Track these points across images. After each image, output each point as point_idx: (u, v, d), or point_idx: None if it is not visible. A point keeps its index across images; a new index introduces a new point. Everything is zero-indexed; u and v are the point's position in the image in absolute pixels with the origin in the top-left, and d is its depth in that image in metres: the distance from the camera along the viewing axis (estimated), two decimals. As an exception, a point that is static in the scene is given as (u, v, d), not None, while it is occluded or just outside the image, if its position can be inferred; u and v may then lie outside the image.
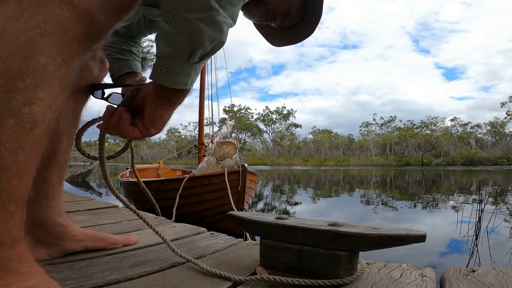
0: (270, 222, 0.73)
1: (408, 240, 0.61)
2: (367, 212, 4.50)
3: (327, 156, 50.01)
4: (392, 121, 52.24)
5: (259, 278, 0.66)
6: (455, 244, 2.58)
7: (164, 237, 0.81)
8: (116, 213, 1.51)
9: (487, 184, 9.49)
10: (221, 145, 3.47)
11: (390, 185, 10.19)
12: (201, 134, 5.15)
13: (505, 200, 5.53)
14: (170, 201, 2.90)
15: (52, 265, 0.74)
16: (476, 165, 35.64)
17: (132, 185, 3.72)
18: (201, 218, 2.91)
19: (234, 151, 3.34)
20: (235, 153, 3.30)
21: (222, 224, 2.75)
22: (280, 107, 53.09)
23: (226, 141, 3.49)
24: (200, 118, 5.20)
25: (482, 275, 0.67)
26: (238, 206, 2.82)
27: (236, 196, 2.84)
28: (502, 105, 45.31)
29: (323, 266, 0.66)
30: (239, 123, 48.83)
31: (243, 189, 2.85)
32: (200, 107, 5.18)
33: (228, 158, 3.33)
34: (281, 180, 12.49)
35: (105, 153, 0.69)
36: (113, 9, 0.49)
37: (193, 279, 0.68)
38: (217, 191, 2.86)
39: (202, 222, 2.48)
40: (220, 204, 2.85)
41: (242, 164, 2.89)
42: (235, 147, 3.37)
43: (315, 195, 7.00)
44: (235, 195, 2.84)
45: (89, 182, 9.69)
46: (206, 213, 2.99)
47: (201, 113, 5.17)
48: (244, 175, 2.84)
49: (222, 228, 1.69)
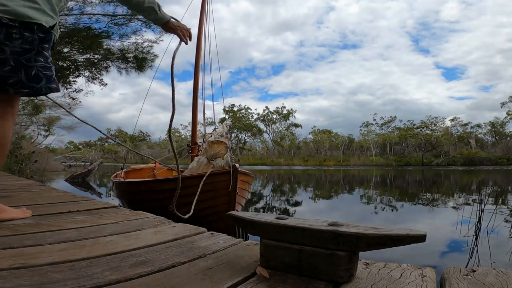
0: (270, 222, 0.73)
1: (408, 240, 0.61)
2: (367, 212, 4.50)
3: (327, 156, 49.99)
4: (392, 121, 52.21)
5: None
6: (455, 244, 2.58)
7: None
8: (116, 213, 1.51)
9: (487, 184, 9.49)
10: (212, 145, 3.36)
11: (390, 185, 10.19)
12: (194, 134, 5.10)
13: (505, 200, 5.53)
14: (159, 202, 2.77)
15: (53, 265, 0.74)
16: (476, 165, 35.63)
17: (124, 186, 3.60)
18: (191, 219, 2.83)
19: (225, 151, 3.23)
20: (227, 153, 3.18)
21: (214, 226, 2.67)
22: (280, 107, 53.12)
23: (217, 141, 3.36)
24: (193, 117, 5.17)
25: (482, 275, 0.67)
26: (229, 208, 2.73)
27: (227, 197, 2.74)
28: (502, 105, 45.25)
29: (323, 266, 0.66)
30: (239, 123, 48.82)
31: (234, 190, 2.74)
32: (193, 107, 5.16)
33: (219, 158, 3.22)
34: (281, 180, 12.50)
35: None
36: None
37: (193, 279, 0.68)
38: (207, 192, 2.75)
39: (193, 224, 2.40)
40: (211, 205, 2.76)
41: (233, 164, 2.78)
42: (227, 146, 3.26)
43: (315, 195, 7.00)
44: (226, 196, 2.73)
45: (89, 182, 9.69)
46: (198, 215, 2.90)
47: (194, 112, 5.14)
48: (235, 175, 2.74)
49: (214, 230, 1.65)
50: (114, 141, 32.86)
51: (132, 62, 6.88)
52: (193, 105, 5.21)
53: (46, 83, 1.18)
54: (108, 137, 23.62)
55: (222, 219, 2.68)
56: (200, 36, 5.37)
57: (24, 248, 0.87)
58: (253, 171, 4.03)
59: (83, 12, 5.81)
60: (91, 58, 6.78)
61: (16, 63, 1.12)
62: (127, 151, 24.34)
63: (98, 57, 6.77)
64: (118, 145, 54.08)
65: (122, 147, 54.04)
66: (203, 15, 5.53)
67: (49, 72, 1.20)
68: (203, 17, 5.52)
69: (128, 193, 3.45)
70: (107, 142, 58.11)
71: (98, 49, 6.42)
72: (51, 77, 1.21)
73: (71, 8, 5.66)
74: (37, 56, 1.16)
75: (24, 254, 0.81)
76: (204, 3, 5.62)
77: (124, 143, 54.40)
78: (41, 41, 1.18)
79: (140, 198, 3.14)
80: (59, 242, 0.94)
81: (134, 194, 3.32)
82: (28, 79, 1.14)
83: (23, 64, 1.13)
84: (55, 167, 16.56)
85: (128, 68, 6.96)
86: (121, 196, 3.71)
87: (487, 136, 49.74)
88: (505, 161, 37.58)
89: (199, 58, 5.33)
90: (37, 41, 1.17)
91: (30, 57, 1.14)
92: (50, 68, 1.20)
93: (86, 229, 1.13)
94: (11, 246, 0.89)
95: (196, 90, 5.23)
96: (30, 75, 1.14)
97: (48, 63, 1.20)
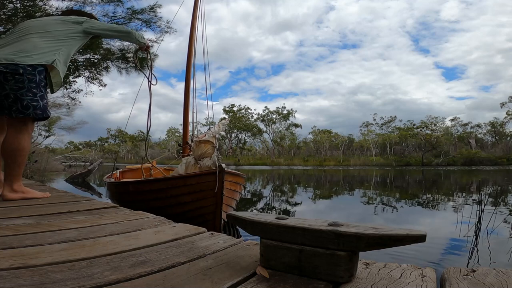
0: (270, 222, 0.73)
1: (408, 240, 0.61)
2: (367, 212, 4.50)
3: (327, 156, 49.99)
4: (392, 121, 52.21)
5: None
6: (455, 244, 2.58)
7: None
8: (116, 213, 1.51)
9: (487, 184, 9.49)
10: (199, 144, 3.21)
11: (390, 185, 10.19)
12: (185, 134, 5.05)
13: (505, 200, 5.53)
14: (147, 203, 2.78)
15: (53, 265, 0.74)
16: (476, 165, 35.62)
17: (113, 186, 3.52)
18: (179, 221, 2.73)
19: (212, 150, 3.10)
20: (214, 152, 3.05)
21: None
22: (280, 107, 53.11)
23: (204, 140, 3.21)
24: (184, 117, 5.15)
25: (482, 275, 0.67)
26: (216, 209, 2.62)
27: (213, 199, 2.62)
28: (502, 105, 45.24)
29: (323, 266, 0.66)
30: (239, 123, 48.80)
31: (221, 191, 2.61)
32: (185, 106, 5.14)
33: (206, 158, 3.10)
34: (281, 180, 12.50)
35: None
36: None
37: (193, 279, 0.68)
38: (193, 193, 2.66)
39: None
40: (197, 207, 2.67)
41: (219, 164, 2.64)
42: (214, 146, 3.12)
43: (315, 195, 7.00)
44: (213, 197, 2.61)
45: (89, 182, 9.69)
46: (184, 216, 2.74)
47: (186, 112, 5.13)
48: (221, 176, 2.60)
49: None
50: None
51: (132, 62, 6.87)
52: (184, 104, 5.19)
53: (33, 110, 1.77)
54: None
55: (208, 221, 2.62)
56: (192, 36, 5.38)
57: (24, 248, 0.87)
58: (253, 171, 4.00)
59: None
60: (91, 58, 6.78)
61: (14, 96, 1.73)
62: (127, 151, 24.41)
63: (98, 57, 6.76)
64: (118, 145, 54.07)
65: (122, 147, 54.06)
66: (195, 15, 5.54)
67: (36, 103, 1.76)
68: (195, 17, 5.52)
69: (118, 194, 3.36)
70: (107, 142, 58.15)
71: (98, 49, 6.42)
72: (36, 106, 1.77)
73: (71, 8, 5.65)
74: (27, 92, 1.74)
75: (24, 254, 0.81)
76: (197, 3, 5.63)
77: (124, 143, 54.42)
78: (30, 81, 1.75)
79: (128, 199, 3.06)
80: (59, 242, 0.94)
81: (122, 195, 3.24)
82: (22, 107, 1.73)
83: (18, 97, 1.72)
84: (55, 167, 16.57)
85: (128, 68, 6.95)
86: (111, 196, 3.62)
87: (487, 136, 49.75)
88: (505, 161, 37.58)
89: (190, 58, 5.35)
90: (27, 81, 1.74)
91: (22, 92, 1.73)
92: (37, 100, 1.76)
93: (86, 229, 1.13)
94: (11, 246, 0.89)
95: (187, 90, 5.22)
96: (23, 105, 1.73)
97: (35, 97, 1.75)
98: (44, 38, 1.90)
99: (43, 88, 1.85)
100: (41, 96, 1.82)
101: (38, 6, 5.30)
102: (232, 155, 48.03)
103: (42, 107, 1.82)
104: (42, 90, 1.84)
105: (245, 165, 42.21)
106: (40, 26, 1.95)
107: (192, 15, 5.54)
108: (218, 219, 2.63)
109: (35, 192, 2.01)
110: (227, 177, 2.73)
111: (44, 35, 1.91)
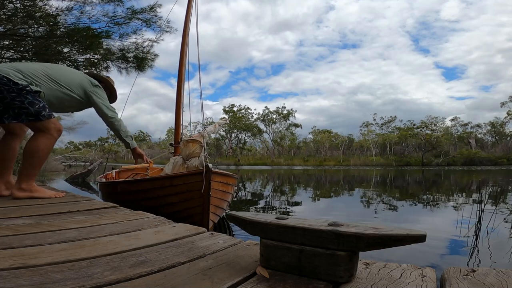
0: (270, 222, 0.73)
1: (408, 240, 0.61)
2: (367, 212, 4.50)
3: (327, 156, 49.99)
4: (392, 121, 52.22)
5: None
6: (455, 244, 2.58)
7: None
8: (116, 213, 1.51)
9: (487, 184, 9.49)
10: (187, 144, 3.13)
11: (390, 185, 10.19)
12: (177, 133, 5.00)
13: (505, 200, 5.52)
14: (137, 203, 2.72)
15: (53, 265, 0.74)
16: (476, 165, 35.62)
17: (104, 186, 3.46)
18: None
19: (200, 150, 3.01)
20: (202, 152, 2.97)
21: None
22: (280, 107, 53.10)
23: (191, 139, 3.14)
24: (176, 116, 5.13)
25: (482, 275, 0.67)
26: (203, 211, 2.55)
27: (200, 199, 2.54)
28: (502, 105, 45.26)
29: (323, 266, 0.66)
30: (239, 123, 48.79)
31: (208, 192, 2.53)
32: (177, 105, 5.13)
33: (194, 158, 3.02)
34: (281, 180, 12.50)
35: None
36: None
37: (193, 279, 0.68)
38: (179, 193, 2.60)
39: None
40: (185, 208, 2.61)
41: (206, 164, 2.56)
42: (201, 145, 3.03)
43: (315, 195, 7.00)
44: (200, 198, 2.53)
45: (89, 182, 9.69)
46: (174, 216, 2.72)
47: (178, 111, 5.11)
48: (208, 176, 2.51)
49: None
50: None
51: (133, 62, 6.86)
52: (176, 103, 5.17)
53: (26, 116, 1.90)
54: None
55: (196, 223, 2.58)
56: (185, 34, 5.37)
57: (24, 248, 0.87)
58: (253, 171, 3.98)
59: (82, 12, 5.80)
60: (91, 58, 6.77)
61: (7, 105, 1.88)
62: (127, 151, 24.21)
63: (98, 57, 6.76)
64: (118, 145, 53.95)
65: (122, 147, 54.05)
66: (188, 13, 5.53)
67: (25, 111, 1.88)
68: (189, 16, 5.52)
69: (108, 194, 3.30)
70: (107, 142, 58.10)
71: (98, 49, 6.41)
72: (26, 113, 1.90)
73: (71, 8, 5.66)
74: (15, 101, 1.88)
75: (24, 254, 0.81)
76: (190, 2, 5.63)
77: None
78: (19, 91, 1.88)
79: (118, 199, 3.03)
80: (59, 242, 0.94)
81: (112, 195, 3.18)
82: (14, 114, 1.88)
83: (10, 106, 1.87)
84: (55, 167, 16.58)
85: (128, 68, 6.95)
86: (103, 196, 3.57)
87: (487, 136, 49.75)
88: (505, 161, 37.59)
89: (183, 58, 5.35)
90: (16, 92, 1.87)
91: (14, 101, 1.86)
92: (26, 107, 1.88)
93: (86, 229, 1.13)
94: (11, 246, 0.89)
95: (180, 89, 5.21)
96: (15, 112, 1.87)
97: (24, 104, 1.87)
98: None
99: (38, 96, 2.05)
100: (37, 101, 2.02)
101: (38, 6, 5.30)
102: (232, 155, 48.02)
103: (34, 112, 1.97)
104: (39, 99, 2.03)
105: (245, 165, 42.21)
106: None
107: (186, 13, 5.54)
108: (205, 220, 2.57)
109: (46, 192, 2.09)
110: (216, 177, 2.65)
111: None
